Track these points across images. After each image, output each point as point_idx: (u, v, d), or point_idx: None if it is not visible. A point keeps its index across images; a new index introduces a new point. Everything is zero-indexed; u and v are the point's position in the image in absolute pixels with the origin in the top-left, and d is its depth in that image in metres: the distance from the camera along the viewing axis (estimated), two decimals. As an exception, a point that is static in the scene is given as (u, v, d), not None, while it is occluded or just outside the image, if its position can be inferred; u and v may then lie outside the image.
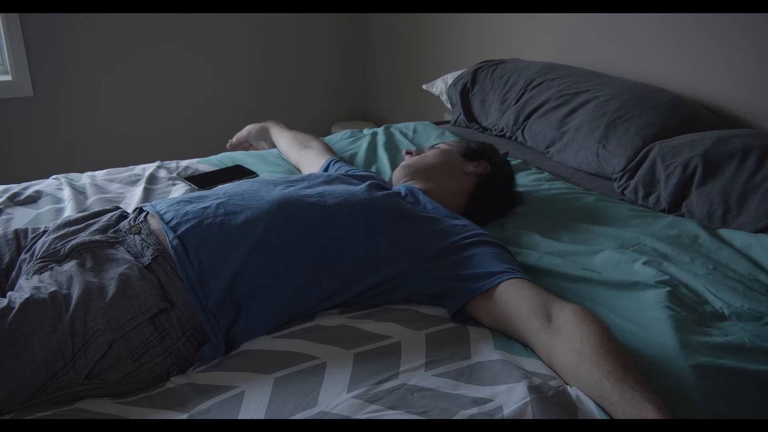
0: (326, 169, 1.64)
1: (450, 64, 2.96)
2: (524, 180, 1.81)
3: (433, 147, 1.63)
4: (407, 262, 1.16)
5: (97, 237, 1.13)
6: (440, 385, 0.94)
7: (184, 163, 1.88)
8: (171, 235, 1.11)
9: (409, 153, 1.63)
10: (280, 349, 1.02)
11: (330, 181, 1.35)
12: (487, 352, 1.02)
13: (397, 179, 1.51)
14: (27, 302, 0.95)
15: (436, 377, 0.96)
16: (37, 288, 0.99)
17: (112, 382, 0.96)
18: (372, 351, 1.02)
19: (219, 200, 1.19)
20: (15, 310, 0.94)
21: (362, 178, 1.42)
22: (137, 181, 1.74)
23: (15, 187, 1.66)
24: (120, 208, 1.28)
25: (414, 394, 0.91)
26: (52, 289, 0.99)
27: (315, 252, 1.13)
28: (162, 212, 1.17)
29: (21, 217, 1.50)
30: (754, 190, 1.48)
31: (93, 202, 1.59)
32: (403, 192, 1.39)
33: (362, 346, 1.03)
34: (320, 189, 1.26)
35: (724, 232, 1.46)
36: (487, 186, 1.52)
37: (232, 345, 1.05)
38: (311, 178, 1.36)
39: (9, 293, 1.00)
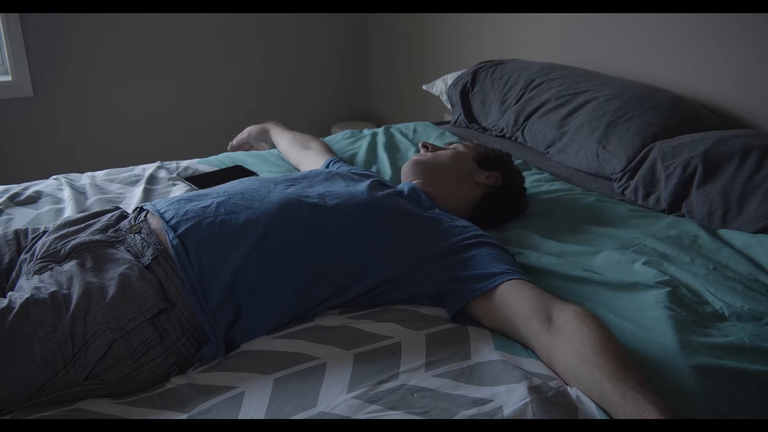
0: (326, 168, 1.64)
1: (450, 64, 2.95)
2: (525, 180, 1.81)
3: (449, 144, 1.60)
4: (407, 263, 1.16)
5: (98, 237, 1.13)
6: (440, 386, 0.94)
7: (184, 163, 1.88)
8: (171, 235, 1.11)
9: (425, 147, 1.58)
10: (280, 350, 1.02)
11: (331, 178, 1.35)
12: (487, 353, 1.02)
13: (407, 175, 1.50)
14: (27, 302, 0.95)
15: (436, 377, 0.96)
16: (37, 288, 0.99)
17: (112, 383, 0.96)
18: (372, 351, 1.02)
19: (219, 199, 1.18)
20: (15, 310, 0.94)
21: (364, 176, 1.41)
22: (137, 181, 1.74)
23: (15, 188, 1.66)
24: (120, 208, 1.28)
25: (414, 394, 0.91)
26: (53, 289, 0.99)
27: (315, 252, 1.12)
28: (162, 211, 1.17)
29: (21, 218, 1.50)
30: (754, 190, 1.48)
31: (93, 203, 1.59)
32: (405, 191, 1.38)
33: (362, 346, 1.03)
34: (321, 189, 1.26)
35: (724, 233, 1.46)
36: (495, 198, 1.50)
37: (232, 345, 1.05)
38: (311, 176, 1.36)
39: (9, 293, 1.00)
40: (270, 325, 1.07)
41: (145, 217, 1.19)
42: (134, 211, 1.23)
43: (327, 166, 1.64)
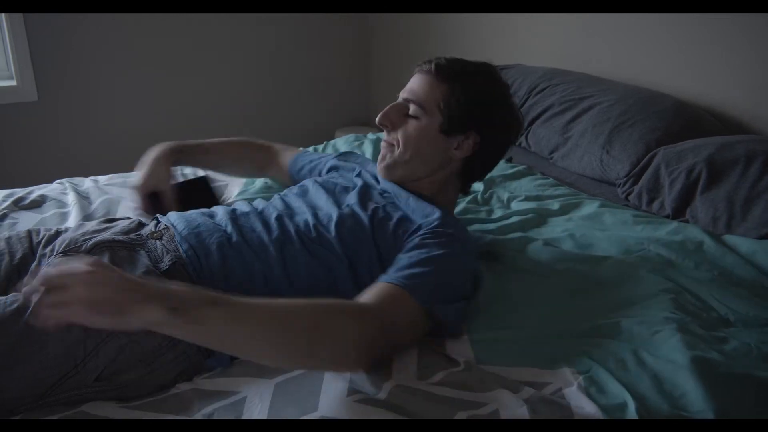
0: (302, 170, 1.57)
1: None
2: (529, 185, 1.81)
3: (408, 105, 1.31)
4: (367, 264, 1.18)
5: (120, 237, 1.14)
6: (436, 389, 0.94)
7: (187, 169, 1.88)
8: (185, 246, 1.12)
9: (384, 126, 1.32)
10: None
11: (313, 196, 1.32)
12: (473, 362, 1.02)
13: (384, 178, 1.35)
14: None
15: (431, 382, 0.96)
16: None
17: (120, 385, 0.96)
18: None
19: (228, 217, 1.20)
20: (30, 309, 0.94)
21: (349, 182, 1.37)
22: (140, 185, 1.74)
23: (19, 192, 1.67)
24: (131, 218, 1.29)
25: (411, 395, 0.91)
26: None
27: (311, 272, 1.14)
28: (174, 223, 1.19)
29: (25, 222, 1.51)
30: (759, 196, 1.48)
31: (97, 207, 1.60)
32: (392, 197, 1.31)
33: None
34: (308, 216, 1.22)
35: (729, 238, 1.45)
36: (476, 162, 1.33)
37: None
38: (298, 196, 1.33)
39: (24, 289, 1.01)
40: None
41: (165, 225, 1.21)
42: (152, 219, 1.25)
43: (301, 169, 1.58)
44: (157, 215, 1.26)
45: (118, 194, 1.68)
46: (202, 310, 0.83)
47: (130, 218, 1.27)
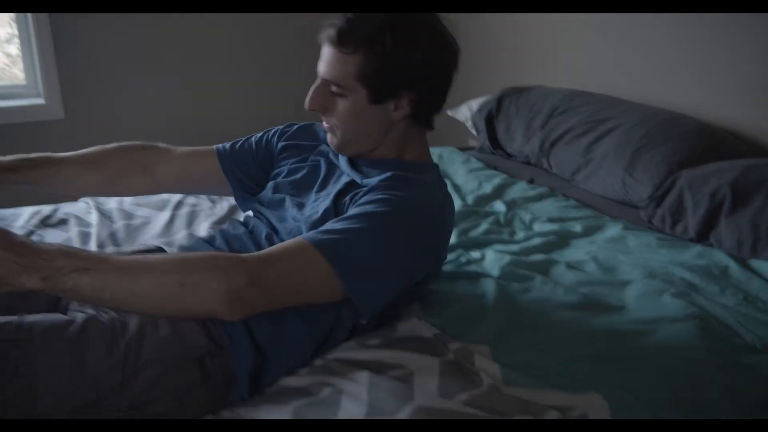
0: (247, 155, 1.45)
1: (474, 90, 2.96)
2: (550, 207, 1.81)
3: (326, 83, 1.18)
4: None
5: None
6: (458, 411, 0.93)
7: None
8: None
9: (313, 109, 1.22)
10: (299, 385, 1.02)
11: (282, 210, 1.27)
12: (497, 382, 1.01)
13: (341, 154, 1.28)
14: (88, 321, 0.96)
15: (452, 404, 0.95)
16: (96, 310, 1.00)
17: (149, 416, 0.95)
18: (386, 378, 1.01)
19: (223, 242, 1.20)
20: (77, 326, 0.95)
21: (305, 183, 1.30)
22: (165, 206, 1.75)
23: (46, 210, 1.70)
24: (163, 248, 1.29)
25: (433, 419, 0.91)
26: (113, 314, 0.99)
27: None
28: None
29: (51, 240, 1.53)
30: (785, 220, 1.47)
31: (120, 227, 1.62)
32: (357, 181, 1.23)
33: (377, 373, 1.02)
34: (285, 235, 1.20)
35: (755, 263, 1.43)
36: (423, 112, 1.22)
37: (257, 388, 1.04)
38: (270, 207, 1.29)
39: (70, 311, 1.02)
40: (295, 362, 1.07)
41: None
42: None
43: (244, 154, 1.45)
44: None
45: (143, 219, 1.69)
46: (73, 277, 0.92)
47: (163, 250, 1.27)
